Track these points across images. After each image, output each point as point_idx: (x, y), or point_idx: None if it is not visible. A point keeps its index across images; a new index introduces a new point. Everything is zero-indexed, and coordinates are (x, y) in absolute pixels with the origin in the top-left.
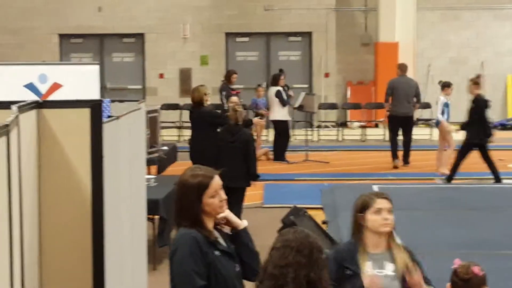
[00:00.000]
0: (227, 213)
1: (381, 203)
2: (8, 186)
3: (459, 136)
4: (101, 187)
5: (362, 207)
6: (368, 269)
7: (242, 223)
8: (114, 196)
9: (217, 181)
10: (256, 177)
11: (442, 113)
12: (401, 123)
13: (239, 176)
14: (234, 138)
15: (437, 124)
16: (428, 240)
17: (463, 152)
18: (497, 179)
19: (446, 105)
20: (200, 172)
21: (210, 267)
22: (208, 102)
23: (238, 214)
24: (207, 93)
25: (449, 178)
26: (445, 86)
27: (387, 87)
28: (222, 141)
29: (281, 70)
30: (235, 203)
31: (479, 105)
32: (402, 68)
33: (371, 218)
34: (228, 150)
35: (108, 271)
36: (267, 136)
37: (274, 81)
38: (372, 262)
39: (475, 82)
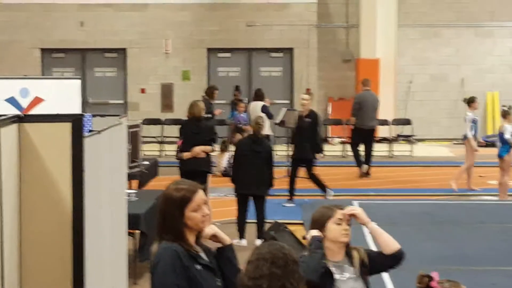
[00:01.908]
0: (215, 230)
1: (341, 214)
2: None
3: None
4: (81, 201)
5: (323, 218)
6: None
7: (228, 239)
8: (95, 210)
9: (200, 195)
10: (272, 185)
11: (470, 129)
12: (366, 136)
13: (264, 184)
14: (260, 148)
15: (464, 139)
16: (409, 256)
17: (294, 168)
18: (324, 192)
19: (473, 121)
20: (183, 186)
21: (191, 281)
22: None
23: (263, 218)
24: (204, 108)
25: (290, 195)
26: (471, 101)
27: (355, 102)
28: (245, 152)
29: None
30: (259, 209)
31: (315, 120)
32: (366, 83)
33: (332, 228)
34: (253, 160)
35: (88, 285)
36: None
37: (258, 96)
38: (334, 268)
39: (309, 98)
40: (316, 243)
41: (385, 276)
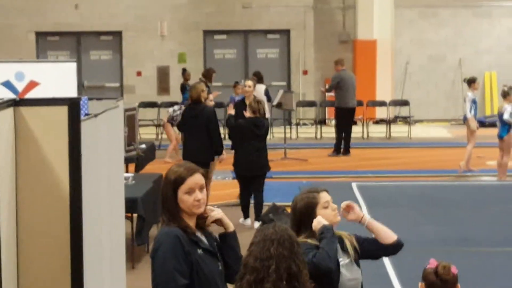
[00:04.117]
0: (222, 215)
1: (325, 197)
2: None
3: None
4: (79, 185)
5: (309, 207)
6: None
7: (232, 226)
8: (92, 194)
9: (195, 178)
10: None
11: (470, 109)
12: (350, 115)
13: (266, 164)
14: (262, 131)
15: (465, 120)
16: (409, 238)
17: None
18: None
19: (473, 101)
20: (180, 168)
21: (193, 266)
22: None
23: (261, 200)
24: (204, 90)
25: None
26: (471, 81)
27: (333, 80)
28: (248, 133)
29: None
30: (259, 190)
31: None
32: (342, 62)
33: (322, 213)
34: (256, 141)
35: (86, 269)
36: None
37: (260, 79)
38: None
39: (252, 85)
40: (329, 231)
41: (385, 258)
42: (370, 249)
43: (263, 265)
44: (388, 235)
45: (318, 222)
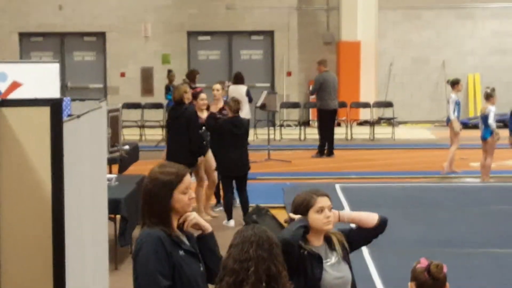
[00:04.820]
0: (198, 219)
1: (322, 202)
2: None
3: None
4: (61, 186)
5: (304, 207)
6: None
7: (209, 227)
8: (75, 195)
9: (188, 177)
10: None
11: (453, 111)
12: (331, 117)
13: (247, 163)
14: (241, 131)
15: (448, 122)
16: (393, 239)
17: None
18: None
19: (457, 103)
20: (172, 169)
21: (175, 267)
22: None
23: (246, 199)
24: (187, 91)
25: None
26: (455, 83)
27: (316, 82)
28: (227, 133)
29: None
30: (242, 189)
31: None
32: (325, 63)
33: (313, 217)
34: (236, 141)
35: (69, 270)
36: None
37: (241, 80)
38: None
39: (221, 88)
40: (302, 220)
41: (368, 259)
42: (359, 237)
43: (242, 267)
44: (370, 219)
45: (295, 217)
